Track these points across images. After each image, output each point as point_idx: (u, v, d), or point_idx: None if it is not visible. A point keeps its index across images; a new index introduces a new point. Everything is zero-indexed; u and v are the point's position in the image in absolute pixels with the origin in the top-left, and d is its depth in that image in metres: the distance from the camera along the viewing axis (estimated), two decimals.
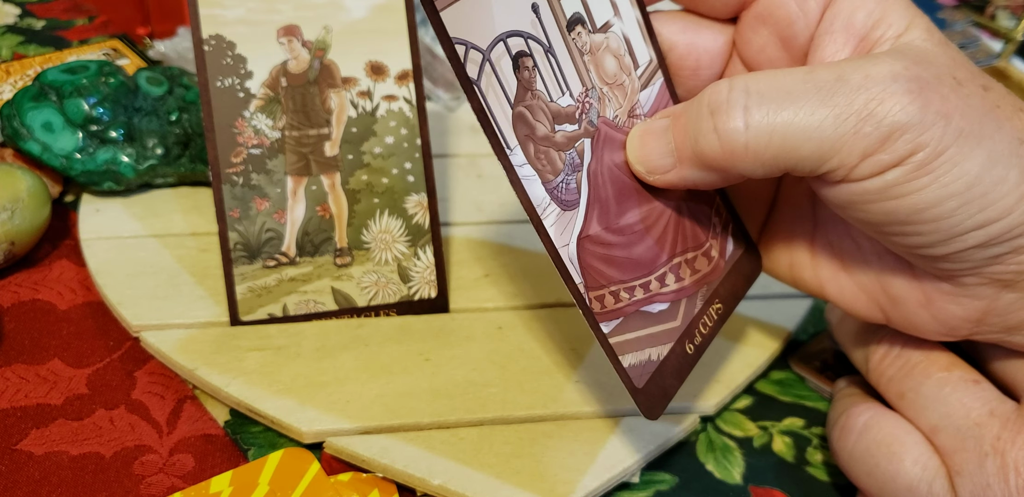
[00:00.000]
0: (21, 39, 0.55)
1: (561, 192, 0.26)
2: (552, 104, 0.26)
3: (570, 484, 0.31)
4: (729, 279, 0.32)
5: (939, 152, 0.24)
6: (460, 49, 0.24)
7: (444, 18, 0.23)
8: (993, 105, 0.25)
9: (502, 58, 0.25)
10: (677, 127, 0.27)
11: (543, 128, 0.26)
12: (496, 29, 0.25)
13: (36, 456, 0.32)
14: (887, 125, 0.24)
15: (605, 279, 0.27)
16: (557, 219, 0.26)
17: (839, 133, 0.24)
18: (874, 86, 0.24)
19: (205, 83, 0.35)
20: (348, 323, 0.37)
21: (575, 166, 0.27)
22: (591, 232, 0.27)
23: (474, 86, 0.24)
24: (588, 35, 0.27)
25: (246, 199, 0.36)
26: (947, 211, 0.25)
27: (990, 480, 0.27)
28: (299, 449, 0.32)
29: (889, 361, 0.31)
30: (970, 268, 0.26)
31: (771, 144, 0.25)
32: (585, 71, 0.27)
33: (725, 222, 0.32)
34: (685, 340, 0.30)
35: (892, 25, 0.27)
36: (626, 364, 0.27)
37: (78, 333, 0.37)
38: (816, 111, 0.24)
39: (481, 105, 0.24)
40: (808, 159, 0.25)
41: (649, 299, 0.29)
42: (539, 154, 0.26)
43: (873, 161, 0.24)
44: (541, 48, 0.26)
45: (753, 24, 0.29)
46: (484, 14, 0.24)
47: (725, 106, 0.25)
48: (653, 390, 0.28)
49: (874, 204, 0.25)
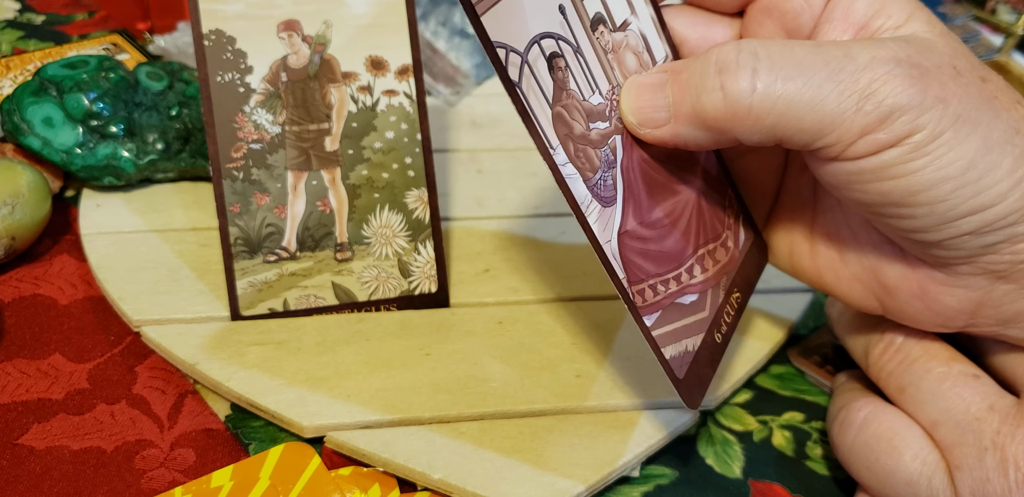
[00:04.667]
0: (21, 34, 0.55)
1: (600, 189, 0.27)
2: (585, 103, 0.26)
3: (571, 478, 0.31)
4: (743, 268, 0.32)
5: (936, 135, 0.24)
6: (501, 52, 0.24)
7: (485, 23, 0.23)
8: (991, 95, 0.26)
9: (538, 60, 0.25)
10: (677, 82, 0.26)
11: (579, 127, 0.26)
12: (531, 31, 0.25)
13: (37, 451, 0.32)
14: (888, 105, 0.24)
15: (644, 273, 0.28)
16: (599, 216, 0.26)
17: (841, 109, 0.24)
18: (880, 67, 0.24)
19: (205, 78, 0.35)
20: (348, 318, 0.37)
21: (610, 163, 0.27)
22: (628, 227, 0.27)
23: (516, 88, 0.24)
24: (610, 34, 0.28)
25: (246, 194, 0.36)
26: (942, 194, 0.25)
27: (990, 474, 0.27)
28: (300, 443, 0.32)
29: (889, 355, 0.32)
30: (964, 256, 0.27)
31: (774, 110, 0.25)
32: (610, 69, 0.28)
33: (736, 213, 0.33)
34: (714, 329, 0.31)
35: (892, 16, 0.27)
36: (668, 356, 0.28)
37: (79, 328, 0.37)
38: (823, 85, 0.24)
39: (524, 107, 0.25)
40: (807, 131, 0.25)
41: (681, 291, 0.29)
42: (578, 152, 0.26)
43: (870, 139, 0.25)
44: (571, 48, 0.26)
45: (759, 17, 0.29)
46: (519, 17, 0.25)
47: (734, 66, 0.25)
48: (692, 380, 0.29)
49: (870, 184, 0.25)
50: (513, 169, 0.48)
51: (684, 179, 0.30)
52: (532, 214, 0.45)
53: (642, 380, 0.35)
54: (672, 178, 0.29)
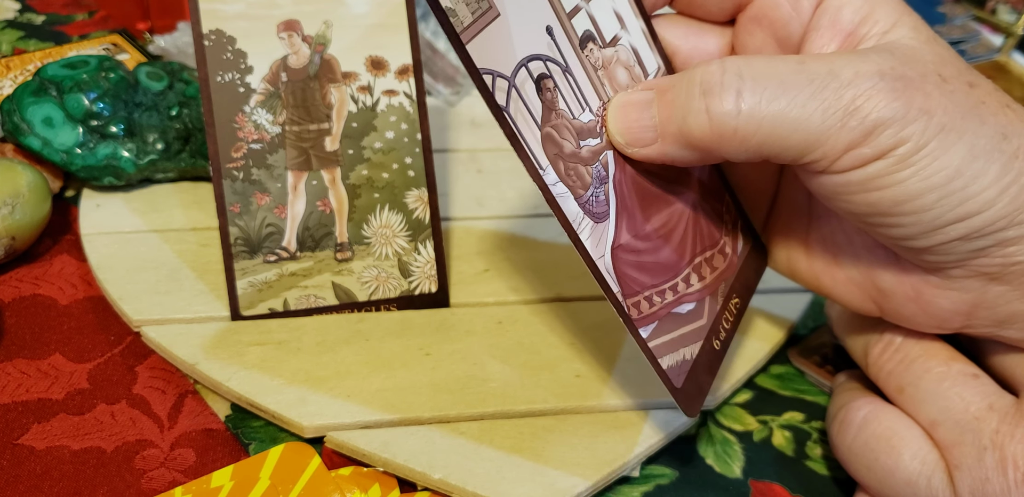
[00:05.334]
0: (21, 34, 0.55)
1: (592, 205, 0.27)
2: (575, 121, 0.26)
3: (570, 478, 0.31)
4: (742, 274, 0.33)
5: (920, 146, 0.24)
6: (488, 79, 0.24)
7: (470, 50, 0.24)
8: (978, 101, 0.26)
9: (525, 83, 0.25)
10: (663, 102, 0.26)
11: (569, 145, 0.26)
12: (517, 55, 0.25)
13: (37, 451, 0.32)
14: (871, 120, 0.24)
15: (639, 285, 0.28)
16: (591, 232, 0.27)
17: (826, 126, 0.24)
18: (863, 82, 0.24)
19: (205, 78, 0.35)
20: (349, 318, 0.37)
21: (602, 179, 0.27)
22: (622, 241, 0.27)
23: (504, 113, 0.24)
24: (599, 51, 0.28)
25: (247, 194, 0.36)
26: (928, 203, 0.25)
27: (989, 474, 0.27)
28: (300, 443, 0.32)
29: (888, 355, 0.32)
30: (955, 261, 0.27)
31: (759, 131, 0.25)
32: (600, 86, 0.28)
33: (734, 219, 0.33)
34: (712, 337, 0.31)
35: (879, 22, 0.27)
36: (665, 366, 0.28)
37: (79, 328, 0.37)
38: (807, 103, 0.24)
39: (512, 131, 0.25)
40: (793, 149, 0.25)
41: (678, 300, 0.29)
42: (568, 171, 0.26)
43: (855, 154, 0.25)
44: (559, 68, 0.26)
45: (749, 27, 0.30)
46: (505, 42, 0.25)
47: (718, 88, 0.25)
48: (690, 388, 0.29)
49: (857, 195, 0.26)
50: (513, 169, 0.48)
51: (679, 189, 0.30)
52: (532, 214, 0.45)
53: (642, 380, 0.35)
54: (666, 189, 0.29)
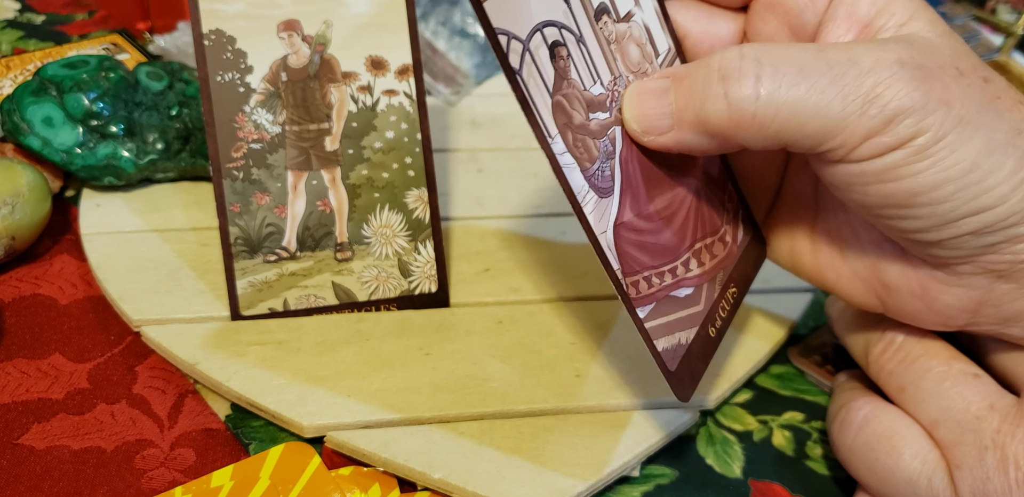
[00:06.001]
0: (21, 34, 0.55)
1: (598, 179, 0.26)
2: (586, 93, 0.26)
3: (570, 478, 0.31)
4: (741, 264, 0.32)
5: (939, 137, 0.24)
6: (503, 39, 0.24)
7: (487, 9, 0.23)
8: (993, 96, 0.25)
9: (539, 48, 0.25)
10: (681, 89, 0.26)
11: (579, 116, 0.26)
12: (534, 19, 0.25)
13: (37, 450, 0.32)
14: (891, 109, 0.24)
15: (639, 265, 0.28)
16: (595, 206, 0.26)
17: (845, 113, 0.24)
18: (883, 70, 0.24)
19: (205, 78, 0.35)
20: (348, 317, 0.37)
21: (608, 154, 0.27)
22: (625, 219, 0.27)
23: (517, 76, 0.24)
24: (613, 24, 0.28)
25: (247, 194, 0.36)
26: (943, 196, 0.25)
27: (990, 473, 0.27)
28: (300, 443, 0.32)
29: (889, 355, 0.32)
30: (964, 256, 0.27)
31: (778, 117, 0.25)
32: (613, 59, 0.27)
33: (736, 208, 0.33)
34: (708, 324, 0.30)
35: (895, 14, 0.27)
36: (660, 348, 0.28)
37: (79, 328, 0.37)
38: (827, 90, 0.24)
39: (524, 95, 0.24)
40: (811, 136, 0.25)
41: (676, 284, 0.29)
42: (577, 142, 0.26)
43: (874, 142, 0.24)
44: (573, 37, 0.26)
45: (763, 13, 0.29)
46: (522, 4, 0.24)
47: (737, 73, 0.25)
48: (683, 373, 0.29)
49: (872, 186, 0.26)
50: (513, 169, 0.48)
51: (683, 173, 0.30)
52: (532, 214, 0.45)
53: (642, 380, 0.35)
54: (671, 171, 0.29)
